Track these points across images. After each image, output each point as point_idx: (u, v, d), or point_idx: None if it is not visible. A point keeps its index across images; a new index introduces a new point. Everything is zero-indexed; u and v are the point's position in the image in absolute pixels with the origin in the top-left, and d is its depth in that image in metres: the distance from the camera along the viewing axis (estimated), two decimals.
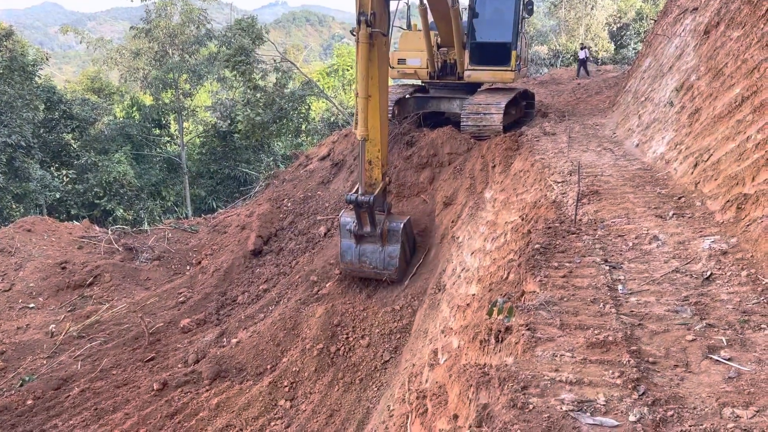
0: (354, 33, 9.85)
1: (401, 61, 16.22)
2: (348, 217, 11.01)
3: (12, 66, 27.20)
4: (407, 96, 16.14)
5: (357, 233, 10.84)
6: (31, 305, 12.71)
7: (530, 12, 14.85)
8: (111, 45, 36.00)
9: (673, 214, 6.20)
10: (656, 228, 5.90)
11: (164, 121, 35.65)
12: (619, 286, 4.76)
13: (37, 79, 29.34)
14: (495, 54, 14.88)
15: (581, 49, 30.78)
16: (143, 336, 11.38)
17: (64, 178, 30.59)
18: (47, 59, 31.59)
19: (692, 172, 6.97)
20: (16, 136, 25.68)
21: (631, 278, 4.91)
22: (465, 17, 15.47)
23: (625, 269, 5.10)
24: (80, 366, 10.61)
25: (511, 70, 14.65)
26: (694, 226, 5.80)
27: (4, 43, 27.54)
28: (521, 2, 14.57)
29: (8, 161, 25.73)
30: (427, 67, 15.81)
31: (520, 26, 14.73)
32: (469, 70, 15.10)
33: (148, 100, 36.50)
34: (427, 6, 14.45)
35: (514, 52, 14.59)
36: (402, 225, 10.94)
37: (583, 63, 29.15)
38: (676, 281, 4.76)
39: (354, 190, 10.69)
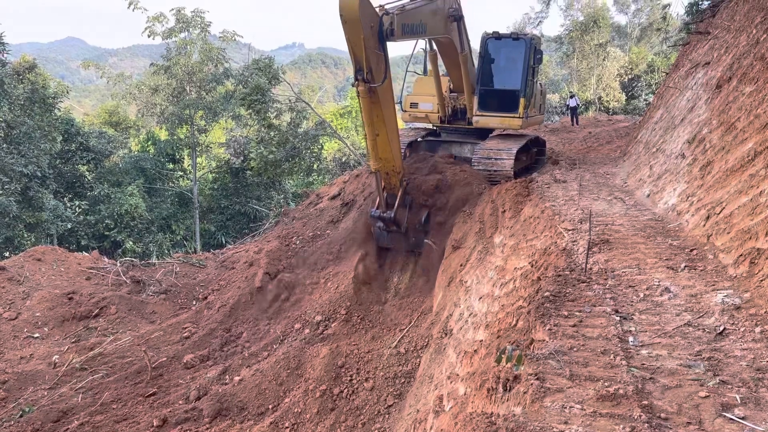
0: (354, 86, 10.28)
1: (414, 105, 16.49)
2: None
3: (33, 98, 27.82)
4: (419, 139, 16.32)
5: (383, 230, 13.13)
6: (36, 335, 12.66)
7: (539, 61, 15.17)
8: (130, 80, 36.77)
9: (685, 266, 6.15)
10: (668, 280, 5.84)
11: (178, 156, 36.12)
12: (630, 338, 4.69)
13: (56, 111, 29.95)
14: (503, 101, 15.16)
15: (571, 97, 31.27)
16: (146, 370, 11.27)
17: (77, 208, 30.87)
18: (68, 92, 32.30)
19: (704, 225, 6.94)
20: (32, 166, 26.07)
21: (642, 330, 4.84)
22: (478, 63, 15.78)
23: (636, 321, 5.03)
24: (81, 399, 10.48)
25: (519, 117, 14.86)
26: (707, 280, 5.74)
27: (27, 75, 28.23)
28: (531, 51, 14.84)
29: (23, 190, 26.06)
30: (438, 112, 16.04)
31: (529, 74, 14.95)
32: (478, 115, 15.32)
33: (163, 135, 37.08)
34: (437, 52, 14.78)
35: (522, 100, 14.82)
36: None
37: (573, 111, 29.58)
38: (689, 335, 4.68)
39: (376, 206, 12.73)
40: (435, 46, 14.76)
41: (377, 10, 10.31)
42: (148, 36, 33.46)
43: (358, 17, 9.59)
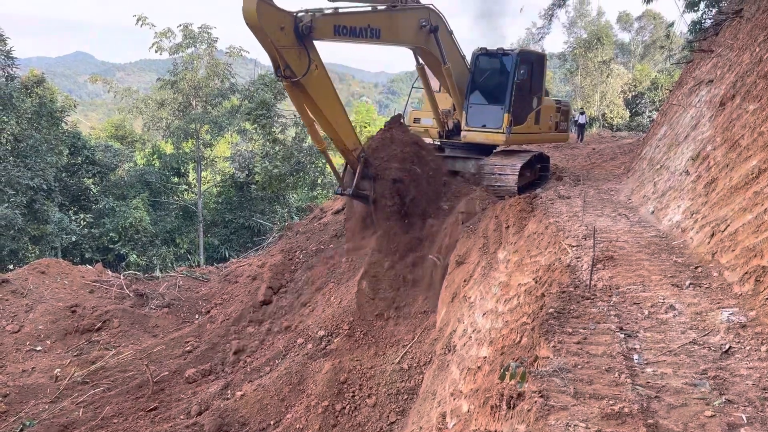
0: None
1: (416, 120, 16.62)
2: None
3: (41, 111, 28.04)
4: None
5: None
6: (38, 348, 12.64)
7: (536, 77, 15.68)
8: (137, 95, 37.04)
9: (690, 283, 6.12)
10: (672, 297, 5.81)
11: (183, 170, 36.25)
12: (635, 356, 4.66)
13: (63, 125, 30.16)
14: (489, 116, 15.29)
15: (580, 114, 31.36)
16: (147, 385, 11.22)
17: (82, 221, 30.97)
18: (75, 106, 32.56)
19: (709, 242, 6.91)
20: (38, 179, 26.21)
21: (647, 348, 4.81)
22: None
23: (641, 338, 5.00)
24: (82, 413, 10.44)
25: (502, 133, 14.95)
26: (712, 297, 5.70)
27: (35, 89, 28.49)
28: (517, 67, 14.96)
29: (29, 203, 26.16)
30: (437, 127, 16.13)
31: (515, 89, 15.01)
32: (465, 130, 15.42)
33: (169, 148, 37.27)
34: (424, 64, 15.09)
35: (506, 116, 14.90)
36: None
37: (581, 128, 29.66)
38: (694, 353, 4.65)
39: (338, 186, 13.92)
40: (422, 60, 15.09)
41: (292, 10, 11.23)
42: (156, 51, 33.74)
43: (258, 24, 10.41)
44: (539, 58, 16.41)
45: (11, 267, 23.99)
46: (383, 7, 13.39)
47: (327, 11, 11.94)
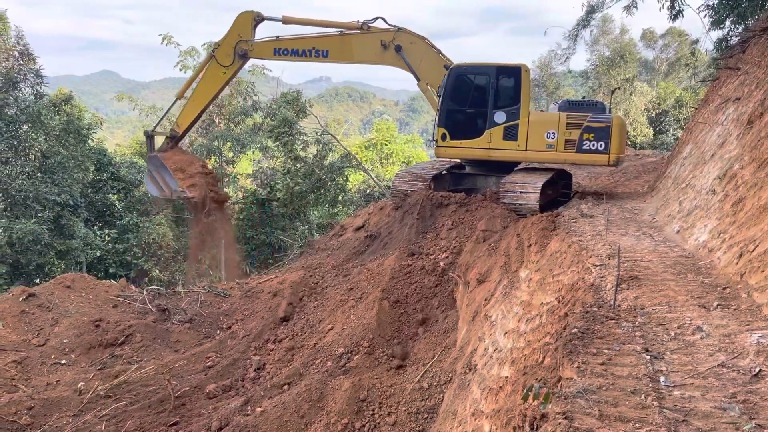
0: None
1: (444, 137, 16.67)
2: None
3: (68, 129, 28.68)
4: (444, 172, 16.37)
5: None
6: (63, 361, 12.80)
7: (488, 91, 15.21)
8: (162, 113, 37.68)
9: (718, 304, 6.00)
10: (700, 318, 5.70)
11: None
12: (662, 378, 4.57)
13: (90, 141, 30.79)
14: (434, 130, 15.95)
15: None
16: (168, 399, 11.28)
17: (106, 237, 31.44)
18: (101, 124, 33.27)
19: (737, 263, 6.79)
20: (65, 195, 26.73)
21: (673, 370, 4.71)
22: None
23: (668, 360, 4.91)
24: (104, 427, 10.52)
25: (437, 146, 15.55)
26: (741, 319, 5.58)
27: (63, 107, 29.16)
28: (448, 83, 15.18)
29: (55, 219, 26.68)
30: None
31: (443, 104, 15.28)
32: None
33: None
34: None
35: (436, 129, 15.51)
36: None
37: None
38: (723, 376, 4.55)
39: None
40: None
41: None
42: (180, 69, 34.44)
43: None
44: (505, 71, 15.29)
45: (38, 281, 24.41)
46: (333, 32, 16.23)
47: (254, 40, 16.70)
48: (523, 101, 14.95)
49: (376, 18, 16.41)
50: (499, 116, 15.05)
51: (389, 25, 16.38)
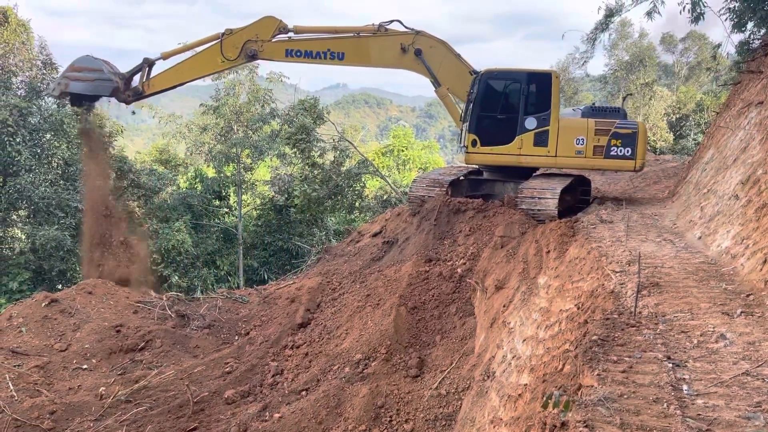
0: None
1: (474, 143, 16.64)
2: None
3: None
4: (461, 178, 16.33)
5: None
6: (85, 366, 12.95)
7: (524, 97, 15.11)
8: (180, 120, 38.13)
9: (741, 311, 5.90)
10: (723, 326, 5.62)
11: (224, 193, 36.95)
12: (684, 386, 4.50)
13: (110, 149, 31.17)
14: (462, 136, 15.68)
15: None
16: (188, 405, 11.36)
17: None
18: (122, 132, 33.68)
19: (761, 269, 6.67)
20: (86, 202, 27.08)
21: (696, 378, 4.64)
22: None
23: (690, 368, 4.83)
24: (125, 431, 10.61)
25: (467, 152, 15.20)
26: (765, 326, 5.49)
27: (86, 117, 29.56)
28: (478, 88, 14.96)
29: (77, 225, 27.04)
30: None
31: (474, 109, 15.04)
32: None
33: (210, 172, 38.13)
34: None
35: (466, 135, 15.16)
36: None
37: None
38: (747, 385, 4.47)
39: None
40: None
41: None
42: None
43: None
44: (536, 77, 15.22)
45: (60, 287, 24.75)
46: (348, 35, 15.44)
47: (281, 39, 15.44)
48: (553, 107, 14.98)
49: (392, 21, 15.89)
50: (530, 122, 15.04)
51: (407, 28, 15.91)
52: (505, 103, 15.29)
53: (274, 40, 15.40)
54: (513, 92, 15.17)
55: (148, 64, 16.30)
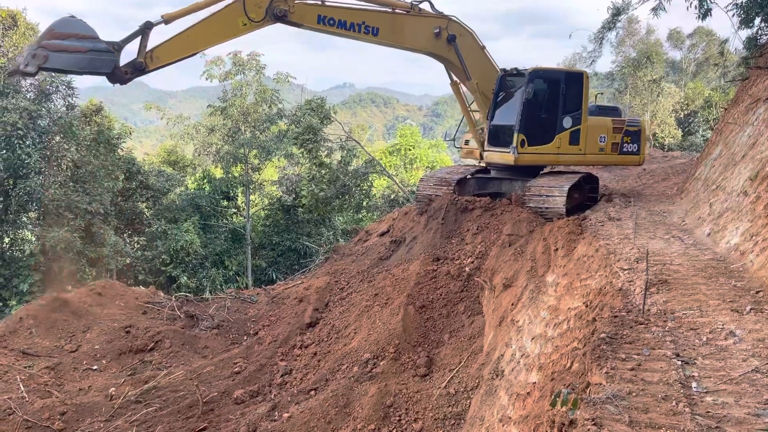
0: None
1: (467, 142, 16.64)
2: None
3: (99, 139, 29.25)
4: (468, 177, 16.31)
5: None
6: (95, 367, 13.03)
7: (564, 95, 14.97)
8: (189, 121, 38.27)
9: (751, 308, 5.87)
10: (732, 323, 5.58)
11: (232, 194, 37.10)
12: (693, 384, 4.49)
13: (119, 151, 31.36)
14: (503, 136, 15.08)
15: None
16: (197, 405, 11.41)
17: (135, 244, 31.94)
18: (130, 133, 33.85)
19: None
20: (96, 203, 27.25)
21: (705, 375, 4.62)
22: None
23: (699, 365, 4.81)
24: (135, 431, 10.68)
25: (509, 153, 14.64)
26: None
27: (94, 118, 29.77)
28: (529, 87, 14.70)
29: (86, 227, 27.20)
30: (478, 147, 16.05)
31: (527, 109, 14.66)
32: (486, 150, 15.45)
33: (218, 173, 38.27)
34: (458, 81, 15.54)
35: (516, 135, 14.55)
36: None
37: None
38: (757, 382, 4.44)
39: None
40: (455, 77, 15.51)
41: None
42: (206, 79, 34.90)
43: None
44: (572, 76, 15.66)
45: (70, 288, 24.89)
46: (385, 9, 14.06)
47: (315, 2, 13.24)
48: (584, 106, 15.35)
49: (423, 0, 14.74)
50: (567, 121, 15.29)
51: (435, 10, 14.92)
52: (547, 103, 15.26)
53: (307, 2, 13.38)
54: (553, 92, 15.16)
55: (148, 28, 12.52)
